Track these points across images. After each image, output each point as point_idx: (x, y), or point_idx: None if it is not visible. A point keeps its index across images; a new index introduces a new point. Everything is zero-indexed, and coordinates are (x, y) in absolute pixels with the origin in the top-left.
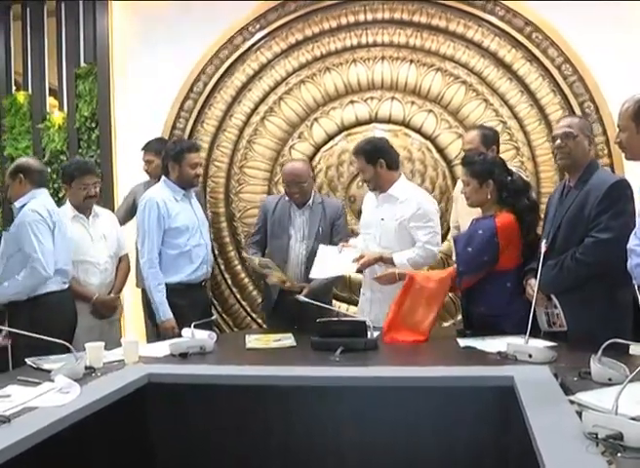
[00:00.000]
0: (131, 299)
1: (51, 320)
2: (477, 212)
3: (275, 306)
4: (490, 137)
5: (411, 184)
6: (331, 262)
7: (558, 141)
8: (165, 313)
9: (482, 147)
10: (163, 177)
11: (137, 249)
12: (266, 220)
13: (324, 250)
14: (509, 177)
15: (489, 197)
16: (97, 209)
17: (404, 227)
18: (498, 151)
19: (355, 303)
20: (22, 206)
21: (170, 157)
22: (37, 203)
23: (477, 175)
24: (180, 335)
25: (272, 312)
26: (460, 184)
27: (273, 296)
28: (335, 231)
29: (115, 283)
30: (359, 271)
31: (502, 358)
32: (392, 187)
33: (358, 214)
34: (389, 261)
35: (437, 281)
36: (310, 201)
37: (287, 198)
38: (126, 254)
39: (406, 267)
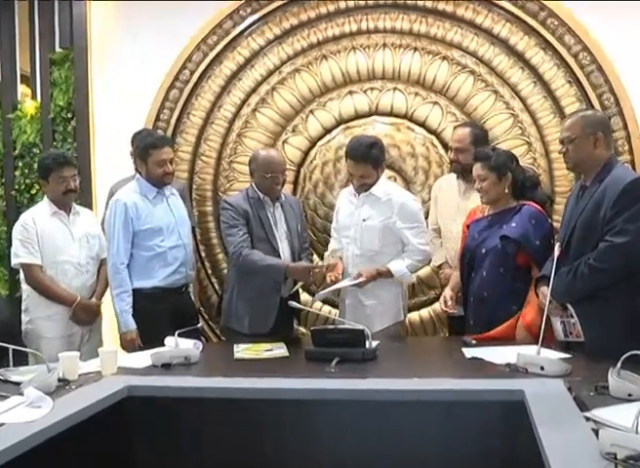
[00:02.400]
0: (108, 307)
1: None
2: (462, 212)
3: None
4: (480, 138)
5: (391, 183)
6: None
7: (560, 146)
8: (126, 323)
9: (471, 147)
10: (136, 175)
11: None
12: (247, 221)
13: None
14: (523, 171)
15: (506, 191)
16: (76, 207)
17: (390, 228)
18: None
19: None
20: None
21: (136, 154)
22: None
23: (495, 168)
24: (141, 349)
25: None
26: (438, 183)
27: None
28: (302, 227)
29: (97, 287)
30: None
31: (512, 370)
32: (374, 187)
33: None
34: (387, 274)
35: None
36: (282, 196)
37: (259, 194)
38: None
39: (406, 275)
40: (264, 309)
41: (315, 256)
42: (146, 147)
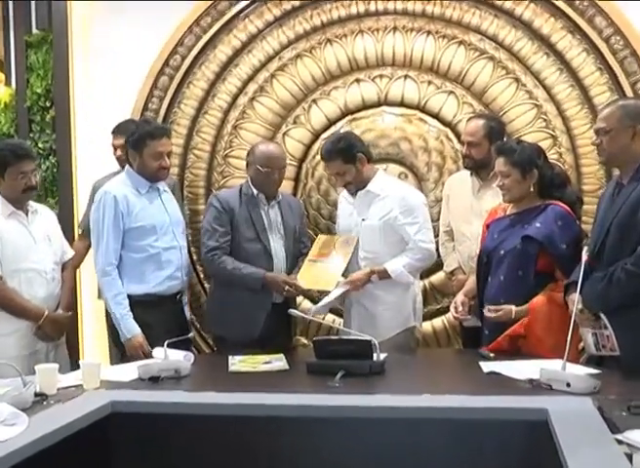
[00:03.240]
0: (90, 315)
1: None
2: (476, 212)
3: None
4: (496, 131)
5: (391, 178)
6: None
7: (594, 138)
8: (130, 329)
9: (485, 142)
10: (126, 167)
11: None
12: (231, 220)
13: None
14: (551, 167)
15: (531, 189)
16: (33, 204)
17: (390, 226)
18: None
19: None
20: None
21: (129, 144)
22: None
23: (519, 164)
24: (151, 357)
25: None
26: (450, 181)
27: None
28: (301, 231)
29: (62, 297)
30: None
31: (535, 386)
32: (370, 183)
33: None
34: (383, 274)
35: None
36: (279, 195)
37: (253, 191)
38: (69, 260)
39: (403, 275)
40: (252, 311)
41: None
42: (143, 136)
